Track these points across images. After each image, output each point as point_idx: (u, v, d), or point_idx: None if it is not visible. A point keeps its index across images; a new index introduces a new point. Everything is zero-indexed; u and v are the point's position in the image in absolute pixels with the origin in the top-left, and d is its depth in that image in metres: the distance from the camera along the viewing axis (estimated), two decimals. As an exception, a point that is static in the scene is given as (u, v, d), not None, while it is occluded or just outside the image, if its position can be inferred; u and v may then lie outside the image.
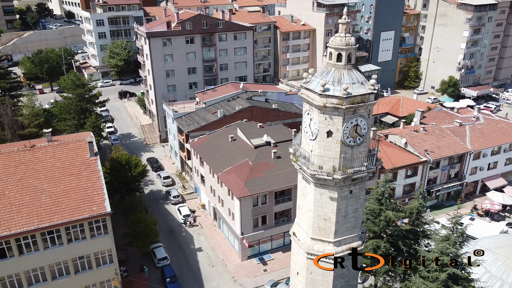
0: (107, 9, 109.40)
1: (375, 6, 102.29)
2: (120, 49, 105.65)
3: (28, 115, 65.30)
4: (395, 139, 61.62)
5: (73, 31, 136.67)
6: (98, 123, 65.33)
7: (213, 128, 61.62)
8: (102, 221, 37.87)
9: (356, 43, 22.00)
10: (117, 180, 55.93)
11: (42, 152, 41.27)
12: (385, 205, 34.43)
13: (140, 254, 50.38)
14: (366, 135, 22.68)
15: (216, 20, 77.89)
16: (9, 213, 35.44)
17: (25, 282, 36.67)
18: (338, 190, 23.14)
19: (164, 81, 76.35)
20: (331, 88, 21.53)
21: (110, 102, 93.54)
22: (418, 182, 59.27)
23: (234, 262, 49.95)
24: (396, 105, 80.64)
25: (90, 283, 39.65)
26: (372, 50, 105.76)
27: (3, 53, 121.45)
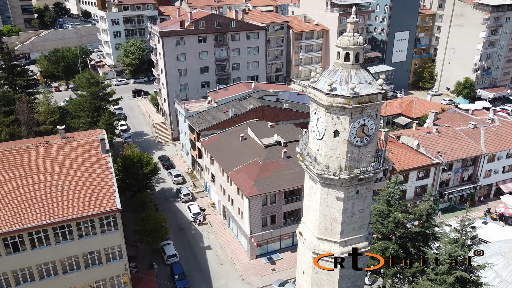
0: (122, 8, 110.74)
1: (389, 6, 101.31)
2: (134, 48, 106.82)
3: (43, 112, 66.55)
4: (407, 141, 60.99)
5: (89, 30, 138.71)
6: (111, 121, 66.15)
7: (224, 127, 61.88)
8: (112, 217, 38.36)
9: (364, 42, 21.87)
10: (128, 178, 56.59)
11: (55, 148, 41.98)
12: (394, 206, 34.13)
13: (150, 250, 50.90)
14: (374, 135, 22.53)
15: (229, 19, 78.16)
16: (22, 208, 36.17)
17: (37, 275, 37.39)
18: (345, 190, 23.05)
19: (176, 80, 76.95)
20: (338, 87, 21.46)
21: (123, 101, 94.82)
22: (430, 184, 58.52)
23: (242, 261, 50.11)
24: (409, 106, 79.75)
25: (100, 278, 40.19)
26: (386, 51, 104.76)
27: (21, 52, 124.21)
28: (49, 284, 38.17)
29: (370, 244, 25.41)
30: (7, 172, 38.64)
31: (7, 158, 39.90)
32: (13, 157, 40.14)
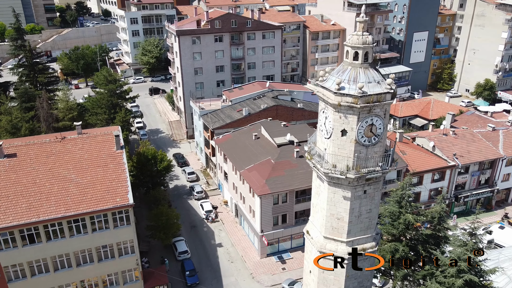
0: (141, 7, 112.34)
1: (408, 6, 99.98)
2: (152, 47, 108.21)
3: (62, 108, 68.01)
4: (423, 142, 60.19)
5: (108, 28, 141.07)
6: (127, 118, 67.26)
7: (238, 126, 62.22)
8: (125, 212, 39.06)
9: (374, 42, 21.78)
10: (143, 174, 57.47)
11: (71, 143, 42.97)
12: (405, 208, 33.79)
13: (162, 246, 51.59)
14: (382, 135, 22.41)
15: (245, 19, 78.45)
16: (38, 201, 37.16)
17: (52, 267, 38.37)
18: (352, 190, 22.99)
19: (192, 79, 77.66)
20: (347, 86, 21.43)
21: (140, 98, 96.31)
22: (445, 187, 57.60)
23: (253, 259, 50.33)
24: (426, 108, 78.58)
25: (112, 272, 40.95)
26: (404, 51, 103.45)
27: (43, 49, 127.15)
28: (63, 276, 39.13)
29: (378, 245, 25.25)
30: (25, 166, 39.74)
31: (25, 153, 41.04)
32: (31, 151, 41.26)
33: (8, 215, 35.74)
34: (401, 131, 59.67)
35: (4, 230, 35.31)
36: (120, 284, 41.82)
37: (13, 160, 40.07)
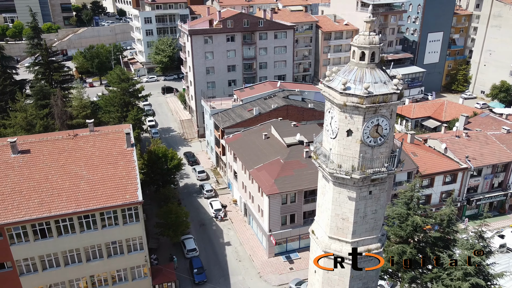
0: (155, 7, 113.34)
1: (423, 6, 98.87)
2: (165, 46, 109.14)
3: (76, 106, 69.11)
4: (435, 144, 59.51)
5: (123, 28, 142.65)
6: (139, 116, 67.98)
7: (248, 125, 62.40)
8: (134, 209, 39.57)
9: (380, 42, 21.68)
10: (153, 172, 58.05)
11: (83, 141, 43.71)
12: (413, 210, 33.50)
13: (171, 244, 52.05)
14: (388, 135, 22.29)
15: (257, 18, 78.60)
16: (50, 196, 37.92)
17: (62, 262, 39.12)
18: (357, 190, 22.93)
19: (204, 78, 78.13)
20: (352, 86, 21.39)
21: (153, 97, 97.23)
22: (457, 189, 56.85)
23: (261, 258, 50.45)
24: (439, 109, 77.60)
25: (121, 268, 41.59)
26: (418, 52, 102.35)
27: (59, 48, 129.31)
28: (73, 271, 39.87)
29: (383, 246, 25.12)
30: (38, 162, 40.58)
31: (39, 149, 41.90)
32: (44, 148, 42.11)
33: (20, 210, 36.56)
34: (412, 133, 59.09)
35: (16, 224, 36.17)
36: (128, 280, 42.41)
37: (27, 156, 40.97)
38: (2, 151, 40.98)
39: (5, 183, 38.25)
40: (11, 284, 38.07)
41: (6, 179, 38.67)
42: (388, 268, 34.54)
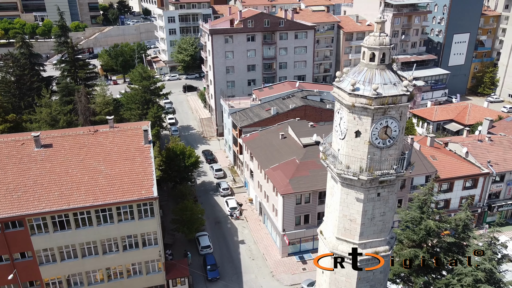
0: (179, 6, 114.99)
1: (448, 7, 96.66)
2: (187, 45, 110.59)
3: (99, 103, 70.95)
4: (456, 148, 58.21)
5: (147, 27, 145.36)
6: (158, 114, 69.15)
7: (266, 125, 62.63)
8: (149, 204, 40.40)
9: (391, 43, 21.51)
10: (171, 169, 59.03)
11: (103, 136, 44.88)
12: (427, 213, 32.97)
13: (186, 240, 52.81)
14: (397, 137, 22.11)
15: (278, 18, 78.69)
16: (69, 190, 39.16)
17: (80, 253, 40.33)
18: (365, 192, 22.83)
19: (223, 77, 78.80)
20: (361, 87, 21.33)
21: (174, 95, 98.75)
22: (478, 195, 55.46)
23: (274, 257, 50.60)
24: (462, 113, 75.77)
25: (136, 261, 42.52)
26: (442, 53, 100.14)
27: (86, 46, 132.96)
28: (90, 262, 41.03)
29: (392, 249, 24.91)
30: (60, 156, 41.95)
31: (60, 144, 43.29)
32: (66, 142, 43.48)
33: (41, 202, 37.91)
34: (432, 136, 57.98)
35: (37, 216, 37.52)
36: (143, 273, 43.32)
37: (49, 150, 42.40)
38: (26, 145, 42.53)
39: (28, 176, 39.73)
40: (31, 273, 39.53)
41: (29, 171, 40.14)
42: (401, 272, 34.11)
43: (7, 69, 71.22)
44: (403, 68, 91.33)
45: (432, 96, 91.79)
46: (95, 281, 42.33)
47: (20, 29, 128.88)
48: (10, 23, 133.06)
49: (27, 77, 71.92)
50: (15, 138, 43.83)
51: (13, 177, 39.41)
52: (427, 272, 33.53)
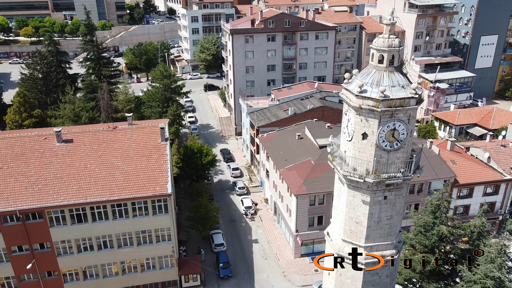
0: (202, 6, 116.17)
1: (476, 8, 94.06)
2: (210, 44, 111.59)
3: (122, 100, 72.64)
4: (477, 153, 56.74)
5: (172, 26, 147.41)
6: (177, 112, 70.12)
7: (283, 125, 62.64)
8: (163, 201, 41.18)
9: (400, 45, 21.28)
10: (188, 167, 59.86)
11: (121, 133, 46.01)
12: (439, 219, 32.33)
13: (201, 237, 53.44)
14: (405, 140, 21.85)
15: (299, 19, 78.50)
16: (87, 184, 40.36)
17: (96, 246, 41.51)
18: (371, 194, 22.67)
19: (243, 77, 79.23)
20: (369, 89, 21.20)
21: (195, 94, 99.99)
22: (499, 202, 53.89)
23: (287, 258, 50.62)
24: (487, 117, 73.62)
25: (149, 256, 43.43)
26: (468, 56, 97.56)
27: (112, 45, 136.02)
28: (105, 255, 42.19)
29: (399, 253, 24.62)
30: (79, 151, 43.27)
31: (80, 139, 44.66)
32: (86, 138, 44.82)
33: (60, 195, 39.22)
34: (452, 140, 56.68)
35: (56, 208, 38.86)
36: (156, 268, 44.20)
37: (69, 145, 43.80)
38: (48, 139, 44.06)
39: (49, 170, 41.17)
40: (49, 264, 40.95)
41: (50, 165, 41.59)
42: (412, 277, 33.61)
43: (34, 66, 73.73)
44: (426, 70, 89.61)
45: (456, 99, 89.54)
46: (110, 274, 43.46)
47: (50, 28, 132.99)
48: (41, 21, 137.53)
49: (53, 74, 74.28)
50: (38, 133, 45.49)
51: (35, 170, 40.93)
52: (439, 278, 32.90)
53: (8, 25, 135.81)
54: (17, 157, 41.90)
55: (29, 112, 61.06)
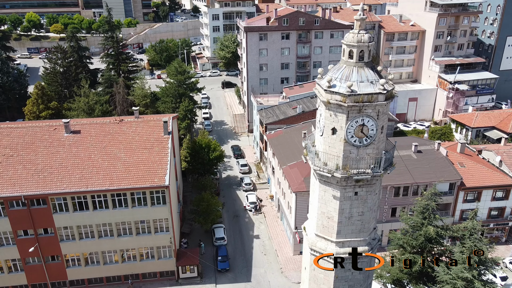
0: (224, 4, 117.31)
1: (502, 7, 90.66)
2: (229, 42, 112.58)
3: (138, 95, 74.54)
4: (489, 156, 55.04)
5: (195, 24, 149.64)
6: (189, 107, 71.30)
7: (291, 123, 62.70)
8: (161, 192, 42.27)
9: (370, 40, 21.19)
10: (196, 161, 60.92)
11: (127, 126, 47.48)
12: (428, 219, 31.76)
13: (203, 230, 54.35)
14: (375, 136, 21.76)
15: (313, 17, 78.18)
16: (90, 173, 41.96)
17: (97, 234, 43.12)
18: (341, 190, 22.71)
19: (257, 74, 79.67)
20: (338, 84, 21.26)
21: (212, 91, 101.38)
22: (510, 207, 52.08)
23: (286, 254, 50.80)
24: (506, 119, 71.00)
25: (148, 246, 44.68)
26: (493, 56, 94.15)
27: (136, 42, 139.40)
28: (106, 243, 43.74)
29: (372, 250, 24.48)
30: (85, 142, 45.01)
31: (88, 130, 46.42)
32: (92, 130, 46.55)
33: (63, 183, 41.00)
34: (463, 142, 55.19)
35: (58, 195, 40.66)
36: (155, 258, 45.42)
37: (77, 136, 45.63)
38: (58, 130, 46.05)
39: (55, 159, 43.06)
40: (52, 248, 42.87)
41: (57, 155, 43.49)
42: (399, 277, 33.17)
43: (55, 60, 76.76)
44: (446, 71, 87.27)
45: (477, 101, 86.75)
46: (110, 261, 45.00)
47: (78, 25, 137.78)
48: (70, 18, 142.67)
49: (73, 69, 77.09)
50: (49, 123, 47.65)
51: (42, 158, 42.91)
52: (428, 279, 32.33)
53: (40, 22, 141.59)
54: (27, 145, 44.03)
55: (46, 104, 63.73)
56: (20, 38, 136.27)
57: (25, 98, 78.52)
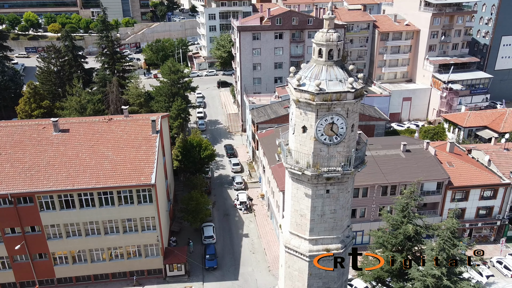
0: (220, 4, 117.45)
1: (497, 7, 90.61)
2: (225, 42, 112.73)
3: (132, 94, 74.75)
4: (479, 155, 55.11)
5: (192, 24, 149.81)
6: (182, 107, 71.47)
7: (282, 122, 62.75)
8: (148, 191, 42.50)
9: (339, 39, 21.36)
10: (187, 160, 61.14)
11: (116, 125, 47.74)
12: (407, 218, 31.88)
13: (193, 229, 54.58)
14: (345, 134, 21.94)
15: (307, 16, 78.31)
16: (76, 172, 42.23)
17: (83, 232, 43.40)
18: (313, 188, 22.90)
19: (250, 73, 79.85)
20: (308, 83, 21.45)
21: (208, 90, 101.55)
22: (498, 206, 52.15)
23: (274, 253, 50.97)
24: (498, 119, 70.98)
25: (135, 244, 44.93)
26: (488, 56, 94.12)
27: (133, 41, 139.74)
28: (93, 241, 44.02)
29: (345, 248, 24.65)
30: (73, 140, 45.28)
31: (76, 129, 46.70)
32: (81, 128, 46.82)
33: (50, 181, 41.28)
34: (452, 141, 55.30)
35: (45, 193, 40.94)
36: (142, 256, 45.67)
37: (65, 135, 45.90)
38: (46, 129, 46.33)
39: (43, 157, 43.35)
40: (39, 246, 43.17)
41: (45, 153, 43.78)
42: (379, 275, 33.31)
43: (49, 59, 77.08)
44: (440, 70, 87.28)
45: (471, 101, 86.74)
46: (98, 259, 45.27)
47: (76, 24, 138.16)
48: (68, 18, 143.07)
49: (66, 68, 77.41)
50: (38, 122, 47.97)
51: (30, 157, 43.20)
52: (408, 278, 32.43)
53: (38, 21, 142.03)
54: (16, 144, 44.33)
55: (38, 103, 64.03)
56: (18, 38, 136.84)
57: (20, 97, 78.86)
